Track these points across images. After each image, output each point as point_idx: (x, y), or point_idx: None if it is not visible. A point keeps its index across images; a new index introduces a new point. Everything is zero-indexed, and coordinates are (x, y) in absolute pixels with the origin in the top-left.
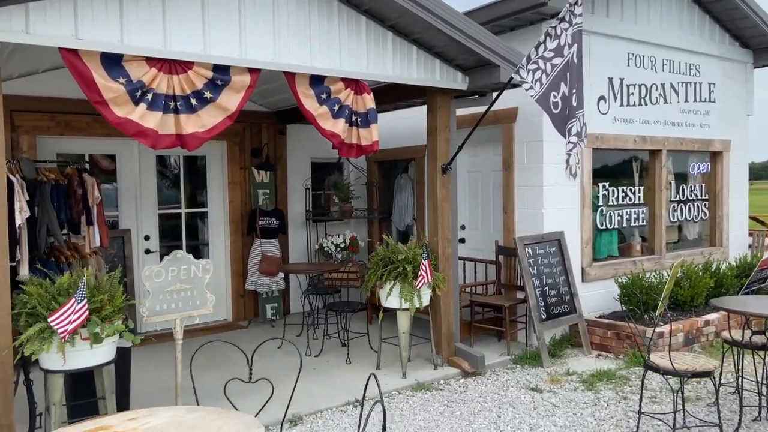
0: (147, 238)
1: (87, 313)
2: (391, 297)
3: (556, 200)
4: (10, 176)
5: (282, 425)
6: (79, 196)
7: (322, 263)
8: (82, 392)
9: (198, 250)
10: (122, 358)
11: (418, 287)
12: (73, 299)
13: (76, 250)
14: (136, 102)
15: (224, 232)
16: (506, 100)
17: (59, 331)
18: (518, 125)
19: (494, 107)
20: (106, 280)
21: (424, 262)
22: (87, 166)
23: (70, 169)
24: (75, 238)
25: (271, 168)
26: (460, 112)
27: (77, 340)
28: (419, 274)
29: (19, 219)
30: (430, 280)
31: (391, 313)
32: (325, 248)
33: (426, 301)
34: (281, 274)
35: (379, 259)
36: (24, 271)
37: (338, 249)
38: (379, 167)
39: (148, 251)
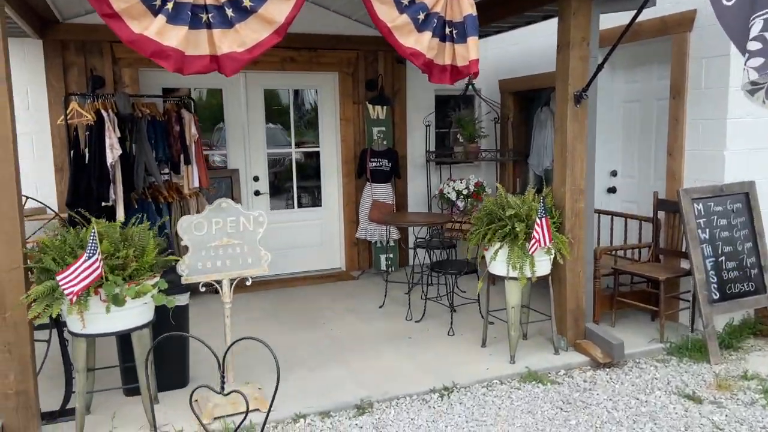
0: (256, 179)
1: (99, 270)
2: (496, 262)
3: (747, 139)
4: (102, 111)
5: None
6: (177, 133)
7: (428, 214)
8: (132, 355)
9: (309, 192)
10: (178, 319)
11: (530, 252)
12: (85, 254)
13: (178, 191)
14: (155, 13)
15: (337, 174)
16: (679, 1)
17: (66, 292)
18: (695, 35)
19: (662, 12)
20: (136, 232)
21: (539, 220)
22: (188, 100)
23: (169, 104)
24: (176, 178)
25: (387, 102)
26: (607, 24)
27: (95, 302)
28: (533, 235)
29: (111, 157)
30: (547, 243)
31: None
32: (446, 195)
33: (542, 270)
34: None
35: (484, 213)
36: (120, 213)
37: (460, 196)
38: (515, 99)
39: (257, 193)
